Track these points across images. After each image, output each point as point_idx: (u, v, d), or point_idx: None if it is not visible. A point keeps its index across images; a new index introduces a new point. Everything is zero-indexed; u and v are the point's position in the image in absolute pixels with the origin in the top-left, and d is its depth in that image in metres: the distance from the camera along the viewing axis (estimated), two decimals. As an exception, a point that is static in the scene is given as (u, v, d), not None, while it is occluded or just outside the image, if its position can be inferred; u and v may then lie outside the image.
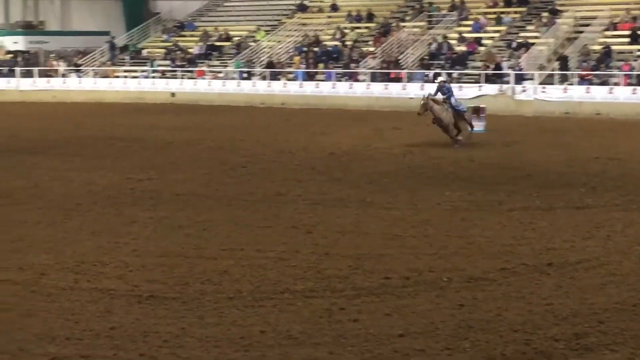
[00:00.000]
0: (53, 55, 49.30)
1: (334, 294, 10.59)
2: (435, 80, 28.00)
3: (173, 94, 43.93)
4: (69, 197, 17.52)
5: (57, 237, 13.92)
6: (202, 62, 46.17)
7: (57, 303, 10.42)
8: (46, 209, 16.33)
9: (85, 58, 49.19)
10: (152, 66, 46.49)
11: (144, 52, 49.31)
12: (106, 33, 51.73)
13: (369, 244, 13.19)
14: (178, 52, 47.39)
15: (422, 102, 24.77)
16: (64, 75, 47.04)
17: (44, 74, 47.38)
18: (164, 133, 28.98)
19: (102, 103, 42.72)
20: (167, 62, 46.95)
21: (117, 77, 46.56)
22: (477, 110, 26.94)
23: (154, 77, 45.59)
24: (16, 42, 50.31)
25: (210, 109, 39.32)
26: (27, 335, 9.24)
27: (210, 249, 12.99)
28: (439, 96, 25.13)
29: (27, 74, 47.13)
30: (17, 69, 47.04)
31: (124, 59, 49.02)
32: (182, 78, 44.92)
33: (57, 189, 18.47)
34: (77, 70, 47.40)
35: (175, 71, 45.70)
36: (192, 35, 49.93)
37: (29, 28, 53.22)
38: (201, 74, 44.84)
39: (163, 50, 48.64)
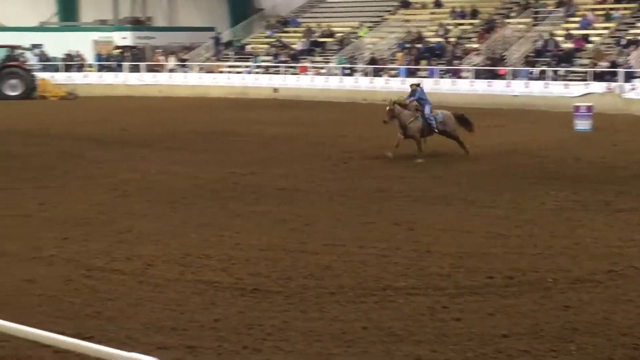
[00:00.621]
0: (159, 50, 50.30)
1: (436, 292, 10.53)
2: (409, 84, 24.24)
3: (276, 90, 44.32)
4: (175, 190, 17.87)
5: (164, 229, 14.21)
6: (304, 58, 46.43)
7: (164, 294, 10.65)
8: (153, 201, 16.70)
9: (190, 53, 50.05)
10: (255, 62, 47.00)
11: (248, 48, 49.86)
12: (211, 29, 52.54)
13: (472, 242, 13.06)
14: (281, 48, 47.78)
15: (387, 108, 22.04)
16: (170, 70, 47.92)
17: (151, 69, 48.37)
18: (267, 128, 29.25)
19: (207, 98, 43.37)
20: (270, 57, 47.37)
21: (222, 72, 47.20)
22: (462, 120, 22.72)
23: (257, 73, 46.07)
24: (124, 38, 51.46)
25: (312, 104, 39.53)
26: (135, 325, 9.47)
27: (313, 244, 13.07)
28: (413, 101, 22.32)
29: (135, 69, 48.21)
30: (125, 64, 48.15)
31: (228, 55, 49.69)
32: (285, 74, 45.27)
33: (163, 182, 18.86)
34: (183, 66, 48.24)
35: (278, 67, 46.09)
36: (295, 31, 50.26)
37: (137, 24, 54.43)
38: (304, 70, 45.12)
39: (266, 46, 49.10)
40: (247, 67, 46.95)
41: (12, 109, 36.89)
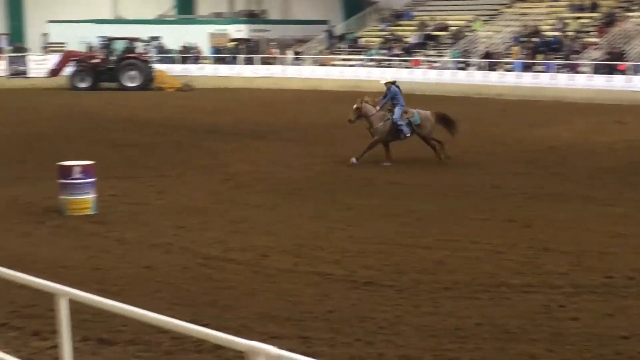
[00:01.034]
0: (274, 43, 50.78)
1: (552, 290, 10.31)
2: (382, 81, 21.48)
3: (388, 83, 44.14)
4: (289, 181, 18.03)
5: (278, 220, 14.35)
6: (418, 52, 46.18)
7: (278, 284, 10.75)
8: (267, 192, 16.88)
9: (303, 46, 50.38)
10: (368, 55, 46.97)
11: (361, 41, 49.87)
12: (324, 22, 52.78)
13: (590, 240, 12.75)
14: (394, 42, 47.62)
15: (354, 106, 20.48)
16: (285, 63, 48.32)
17: (265, 62, 48.89)
18: (380, 121, 29.15)
19: (319, 91, 43.57)
20: (384, 51, 47.26)
21: (334, 65, 47.35)
22: (444, 120, 20.96)
23: (370, 66, 46.03)
24: (240, 31, 52.18)
25: (424, 98, 39.08)
26: (250, 314, 9.58)
27: (426, 239, 12.99)
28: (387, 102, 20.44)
29: (249, 61, 48.80)
30: (240, 56, 48.79)
31: (341, 48, 49.81)
32: (398, 67, 45.09)
33: (277, 173, 19.04)
34: (296, 59, 48.60)
35: (391, 60, 45.96)
36: (408, 25, 50.03)
37: (252, 17, 55.12)
38: (417, 64, 44.88)
39: (380, 40, 49.02)
40: (360, 60, 46.97)
41: (130, 100, 37.82)
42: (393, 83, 20.64)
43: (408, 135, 20.25)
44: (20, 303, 9.82)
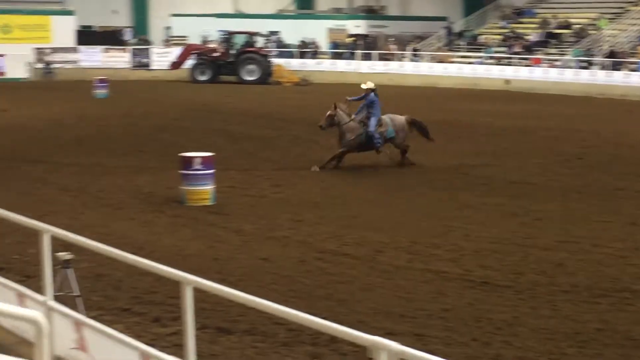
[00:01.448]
0: (392, 39, 50.64)
1: (678, 298, 9.98)
2: (363, 86, 19.80)
3: (507, 81, 43.48)
4: (402, 178, 17.94)
5: (393, 216, 14.31)
6: (539, 50, 45.30)
7: (392, 280, 10.72)
8: (382, 188, 16.85)
9: (422, 43, 50.09)
10: (487, 52, 46.36)
11: (480, 38, 49.25)
12: (443, 19, 52.34)
13: None
14: (515, 39, 46.84)
15: (328, 113, 18.99)
16: (402, 59, 48.10)
17: (382, 57, 48.78)
18: (497, 120, 28.75)
19: (437, 88, 43.20)
20: (503, 48, 46.55)
21: (452, 62, 46.90)
22: (417, 126, 19.80)
23: (489, 64, 45.41)
24: (358, 26, 52.21)
25: (545, 97, 38.49)
26: (365, 309, 9.59)
27: (544, 240, 12.74)
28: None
29: (366, 57, 48.77)
30: (358, 52, 48.83)
31: (459, 45, 49.31)
32: (518, 65, 44.35)
33: (392, 169, 18.96)
34: (414, 55, 48.33)
35: (510, 58, 45.22)
36: (530, 22, 49.13)
37: (370, 13, 55.08)
38: (538, 62, 44.02)
39: (499, 37, 48.29)
40: (478, 57, 46.39)
41: (249, 93, 38.30)
42: (373, 90, 19.31)
43: (380, 149, 18.95)
44: (142, 289, 10.08)
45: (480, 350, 8.43)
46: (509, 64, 44.75)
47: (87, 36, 49.57)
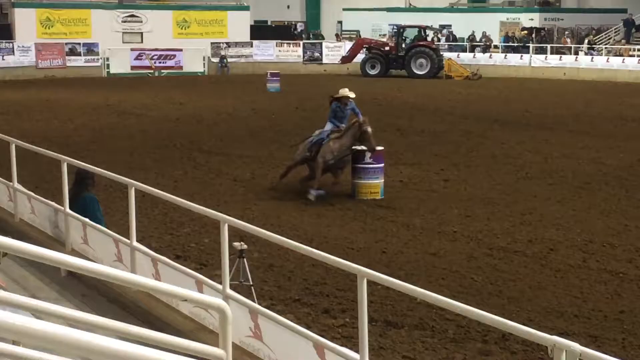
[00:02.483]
0: (567, 32, 49.32)
1: None
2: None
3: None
4: (578, 174, 17.46)
5: (567, 214, 13.95)
6: None
7: (566, 279, 10.46)
8: (556, 185, 16.46)
9: (599, 36, 48.50)
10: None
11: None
12: (624, 10, 50.46)
13: None
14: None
15: None
16: (578, 53, 46.74)
17: (557, 51, 47.56)
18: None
19: (613, 82, 41.80)
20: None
21: (631, 56, 45.17)
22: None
23: (670, 57, 43.50)
24: (532, 19, 51.12)
25: None
26: (536, 307, 9.40)
27: None
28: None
29: (540, 51, 47.69)
30: (531, 45, 47.79)
31: (639, 38, 47.44)
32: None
33: (566, 166, 18.49)
34: (591, 49, 46.86)
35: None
36: None
37: (545, 5, 53.80)
38: None
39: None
40: (659, 50, 44.49)
41: (419, 87, 38.20)
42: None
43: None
44: (312, 281, 10.23)
45: (657, 355, 8.12)
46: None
47: (261, 31, 50.73)
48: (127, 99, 32.26)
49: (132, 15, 46.35)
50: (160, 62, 45.88)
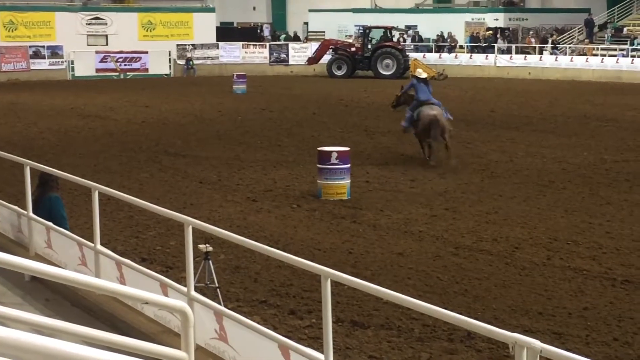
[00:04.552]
0: (531, 32, 49.71)
1: None
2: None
3: (652, 74, 42.03)
4: (543, 173, 17.60)
5: (531, 212, 14.05)
6: (686, 41, 43.55)
7: (530, 277, 10.54)
8: (521, 183, 16.57)
9: (562, 36, 48.92)
10: (632, 45, 44.87)
11: (625, 30, 47.69)
12: (586, 10, 50.95)
13: None
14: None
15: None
16: (542, 53, 47.06)
17: (522, 51, 47.91)
18: (641, 114, 27.88)
19: (577, 81, 42.20)
20: (649, 40, 44.93)
21: (595, 55, 45.62)
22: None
23: (633, 56, 43.95)
24: (496, 19, 51.46)
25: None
26: (501, 305, 9.46)
27: (690, 239, 12.26)
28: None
29: (505, 51, 48.01)
30: (496, 46, 48.11)
31: (602, 37, 47.91)
32: (664, 57, 42.75)
33: (531, 164, 18.64)
34: (554, 48, 47.24)
35: (656, 50, 43.65)
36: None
37: (510, 5, 54.18)
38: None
39: (645, 28, 46.69)
40: (621, 50, 44.94)
41: (385, 88, 38.28)
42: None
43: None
44: (278, 282, 10.24)
45: (621, 350, 8.19)
46: (655, 56, 43.20)
47: (227, 32, 50.66)
48: (92, 101, 32.08)
49: (97, 18, 46.09)
50: (125, 65, 45.69)
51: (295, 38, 53.23)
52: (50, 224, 9.22)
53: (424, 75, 20.20)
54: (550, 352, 4.03)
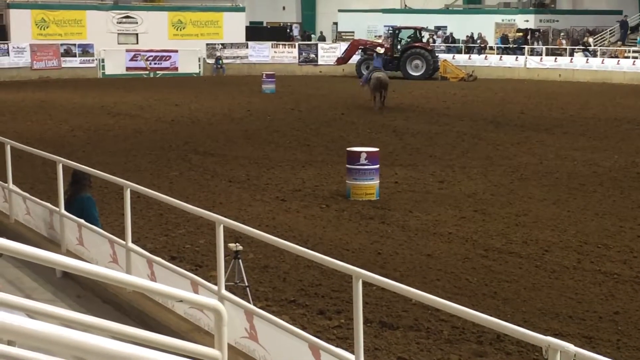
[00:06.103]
0: (562, 34, 49.41)
1: None
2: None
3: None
4: (573, 176, 17.48)
5: (561, 215, 13.97)
6: None
7: (560, 280, 10.48)
8: (551, 186, 16.48)
9: (594, 37, 48.58)
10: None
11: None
12: (619, 12, 50.55)
13: None
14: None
15: None
16: (573, 55, 46.75)
17: (552, 53, 47.63)
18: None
19: (608, 83, 41.89)
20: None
21: (627, 57, 45.25)
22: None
23: (665, 59, 43.54)
24: (527, 21, 51.18)
25: None
26: (531, 308, 9.42)
27: None
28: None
29: (536, 52, 47.74)
30: (526, 47, 47.86)
31: (634, 39, 47.51)
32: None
33: (561, 167, 18.52)
34: (585, 50, 46.91)
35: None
36: None
37: (540, 6, 53.88)
38: None
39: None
40: (654, 52, 44.57)
41: (414, 89, 38.21)
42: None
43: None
44: (307, 282, 10.24)
45: (653, 356, 8.14)
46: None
47: (256, 32, 50.76)
48: (122, 100, 32.26)
49: (127, 17, 46.32)
50: (155, 63, 45.88)
51: (321, 38, 53.22)
52: (82, 220, 9.27)
53: (381, 51, 34.70)
54: (584, 357, 3.99)
